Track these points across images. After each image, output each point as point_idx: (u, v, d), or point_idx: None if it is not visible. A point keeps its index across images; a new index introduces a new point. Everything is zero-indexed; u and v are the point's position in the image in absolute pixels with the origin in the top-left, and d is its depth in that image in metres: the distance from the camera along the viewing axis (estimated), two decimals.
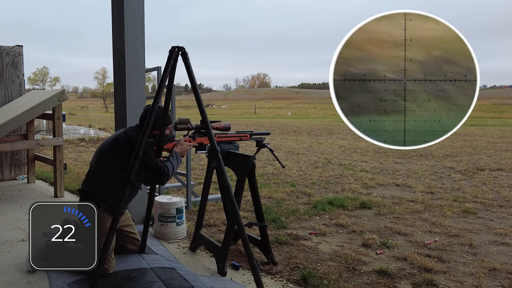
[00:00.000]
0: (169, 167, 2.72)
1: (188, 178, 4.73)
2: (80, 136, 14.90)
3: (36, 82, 77.37)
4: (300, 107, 69.56)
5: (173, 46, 2.53)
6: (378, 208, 4.87)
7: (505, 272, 3.08)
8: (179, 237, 3.66)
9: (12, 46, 5.99)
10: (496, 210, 4.90)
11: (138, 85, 3.89)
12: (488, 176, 7.22)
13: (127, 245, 3.14)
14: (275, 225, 4.09)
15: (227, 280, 2.84)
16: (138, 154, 2.45)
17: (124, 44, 3.77)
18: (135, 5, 3.79)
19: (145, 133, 2.47)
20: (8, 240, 3.56)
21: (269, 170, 7.59)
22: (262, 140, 3.14)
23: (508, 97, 71.88)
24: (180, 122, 2.83)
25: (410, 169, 7.91)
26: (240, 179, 3.01)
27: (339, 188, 6.07)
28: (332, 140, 14.21)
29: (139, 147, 2.46)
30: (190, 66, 2.54)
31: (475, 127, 22.07)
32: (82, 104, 77.51)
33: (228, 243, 2.96)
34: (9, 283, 2.72)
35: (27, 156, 5.96)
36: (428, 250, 3.48)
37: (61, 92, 5.07)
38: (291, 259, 3.23)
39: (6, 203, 4.83)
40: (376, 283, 2.85)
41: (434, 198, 5.51)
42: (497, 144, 12.80)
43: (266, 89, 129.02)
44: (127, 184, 2.44)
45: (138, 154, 2.45)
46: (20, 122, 4.82)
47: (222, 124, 3.06)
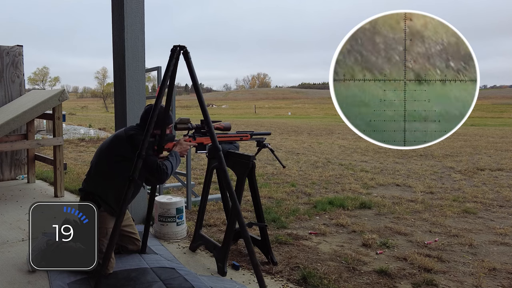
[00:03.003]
0: (168, 166, 2.72)
1: (188, 178, 4.73)
2: (80, 136, 14.91)
3: (36, 82, 77.43)
4: (300, 107, 69.56)
5: (174, 45, 2.52)
6: (378, 208, 4.87)
7: (505, 272, 3.07)
8: (179, 237, 3.66)
9: (12, 46, 5.99)
10: (496, 210, 4.90)
11: (138, 85, 3.89)
12: (488, 176, 7.22)
13: (127, 245, 3.14)
14: (275, 225, 4.09)
15: (227, 280, 2.84)
16: (141, 153, 2.45)
17: (124, 44, 3.77)
18: (135, 5, 3.79)
19: (148, 132, 2.47)
20: (8, 240, 3.56)
21: (269, 170, 7.59)
22: (262, 140, 3.14)
23: (508, 97, 71.91)
24: (180, 122, 2.83)
25: (410, 169, 7.91)
26: (240, 179, 3.01)
27: (339, 188, 6.07)
28: (332, 140, 14.21)
29: (142, 146, 2.46)
30: (191, 65, 2.54)
31: (475, 127, 22.06)
32: (82, 104, 77.56)
33: (228, 243, 2.96)
34: (9, 283, 2.72)
35: (27, 156, 5.96)
36: (428, 250, 3.48)
37: (61, 92, 5.07)
38: (291, 259, 3.23)
39: (6, 203, 4.83)
40: (376, 283, 2.85)
41: (434, 198, 5.51)
42: (497, 144, 12.80)
43: (266, 89, 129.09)
44: (131, 183, 2.44)
45: (141, 153, 2.45)
46: (20, 122, 4.82)
47: (223, 124, 3.06)
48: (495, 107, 52.38)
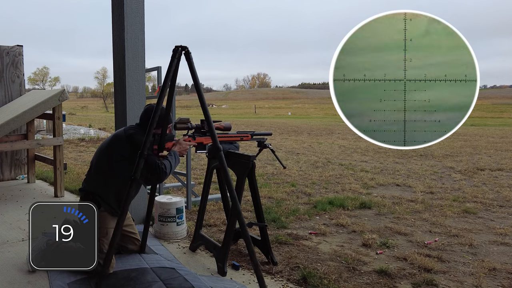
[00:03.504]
0: (166, 165, 2.72)
1: (188, 178, 4.73)
2: (80, 136, 14.91)
3: (36, 82, 77.39)
4: (300, 107, 69.55)
5: (176, 46, 2.54)
6: (378, 208, 4.87)
7: (505, 272, 3.08)
8: (179, 237, 3.66)
9: (12, 46, 5.99)
10: (496, 210, 4.90)
11: (138, 85, 3.89)
12: (488, 176, 7.22)
13: (127, 245, 3.14)
14: (275, 225, 4.09)
15: (227, 280, 2.84)
16: (143, 153, 2.45)
17: (124, 44, 3.77)
18: (135, 5, 3.79)
19: (150, 131, 2.48)
20: (8, 240, 3.56)
21: (269, 170, 7.59)
22: (263, 140, 3.14)
23: (508, 97, 71.89)
24: (180, 122, 2.83)
25: (410, 169, 7.91)
26: (240, 179, 3.01)
27: (339, 188, 6.07)
28: (332, 140, 14.21)
29: (144, 146, 2.46)
30: (193, 65, 2.55)
31: (475, 127, 22.06)
32: (82, 104, 77.52)
33: (228, 243, 2.96)
34: (9, 283, 2.72)
35: (27, 156, 5.96)
36: (428, 250, 3.48)
37: (61, 92, 5.07)
38: (291, 259, 3.23)
39: (6, 203, 4.83)
40: (376, 283, 2.85)
41: (434, 198, 5.51)
42: (497, 144, 12.80)
43: (266, 89, 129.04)
44: (133, 183, 2.44)
45: (143, 153, 2.45)
46: (20, 122, 4.82)
47: (223, 124, 3.06)
48: (495, 107, 52.36)
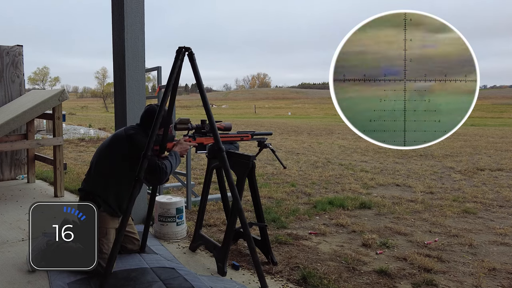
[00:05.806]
0: (167, 165, 2.72)
1: (188, 178, 4.73)
2: (80, 136, 14.91)
3: (36, 82, 77.46)
4: (300, 107, 69.57)
5: (180, 47, 2.56)
6: (378, 208, 4.87)
7: (505, 272, 3.08)
8: (179, 237, 3.66)
9: (12, 46, 5.99)
10: (496, 210, 4.90)
11: (138, 85, 3.89)
12: (488, 176, 7.22)
13: (126, 244, 3.14)
14: (275, 225, 4.09)
15: (227, 280, 2.84)
16: (147, 153, 2.46)
17: (124, 44, 3.77)
18: (135, 5, 3.79)
19: (154, 132, 2.49)
20: (8, 240, 3.56)
21: (269, 170, 7.59)
22: (264, 140, 3.14)
23: (508, 97, 71.91)
24: (180, 122, 2.83)
25: (410, 169, 7.91)
26: (240, 179, 3.01)
27: (339, 188, 6.07)
28: (332, 140, 14.21)
29: (147, 146, 2.47)
30: (196, 66, 2.57)
31: (475, 127, 22.06)
32: (82, 104, 77.49)
33: (228, 243, 2.96)
34: (9, 283, 2.72)
35: (27, 156, 5.96)
36: (428, 250, 3.48)
37: (61, 92, 5.07)
38: (291, 259, 3.23)
39: (6, 203, 4.83)
40: (376, 283, 2.85)
41: (434, 198, 5.51)
42: (497, 144, 12.80)
43: (266, 89, 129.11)
44: (137, 183, 2.44)
45: (146, 154, 2.46)
46: (20, 122, 4.82)
47: (223, 124, 3.06)
48: (495, 107, 52.38)
